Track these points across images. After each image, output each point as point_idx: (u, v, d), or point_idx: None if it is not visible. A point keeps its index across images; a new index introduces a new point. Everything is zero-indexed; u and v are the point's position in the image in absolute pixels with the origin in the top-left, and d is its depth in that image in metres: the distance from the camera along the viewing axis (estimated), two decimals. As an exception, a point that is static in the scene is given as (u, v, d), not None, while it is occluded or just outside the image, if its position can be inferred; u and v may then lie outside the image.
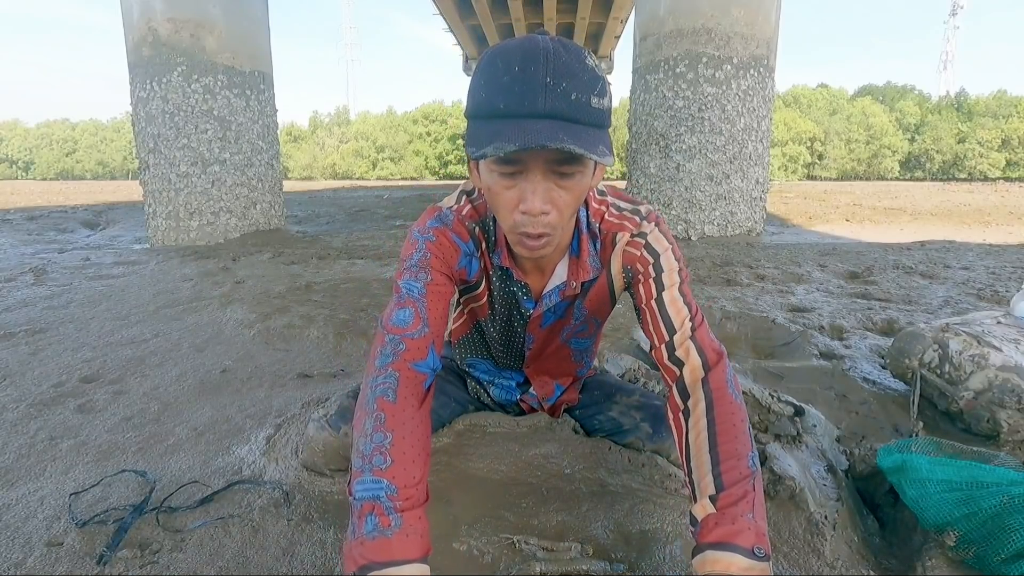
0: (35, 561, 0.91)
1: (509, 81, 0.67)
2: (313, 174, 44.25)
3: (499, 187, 0.75)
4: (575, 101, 0.68)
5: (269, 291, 3.03)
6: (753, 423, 1.27)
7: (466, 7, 15.48)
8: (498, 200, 0.77)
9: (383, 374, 0.80)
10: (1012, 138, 35.79)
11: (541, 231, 0.77)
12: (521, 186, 0.74)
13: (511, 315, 1.05)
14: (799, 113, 38.29)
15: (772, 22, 5.31)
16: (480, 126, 0.71)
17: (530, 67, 0.67)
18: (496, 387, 1.23)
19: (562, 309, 1.03)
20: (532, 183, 0.73)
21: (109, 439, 1.36)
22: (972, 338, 1.38)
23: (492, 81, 0.69)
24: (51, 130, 55.82)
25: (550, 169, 0.72)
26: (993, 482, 0.86)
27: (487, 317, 1.08)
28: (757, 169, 5.41)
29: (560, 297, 0.99)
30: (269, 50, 5.93)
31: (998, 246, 4.88)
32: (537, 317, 1.03)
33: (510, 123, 0.67)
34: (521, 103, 0.67)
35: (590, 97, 0.69)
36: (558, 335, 1.08)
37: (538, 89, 0.66)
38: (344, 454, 1.08)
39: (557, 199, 0.75)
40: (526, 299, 0.99)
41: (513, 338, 1.10)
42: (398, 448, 0.74)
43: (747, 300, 2.74)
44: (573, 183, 0.75)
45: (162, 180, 5.29)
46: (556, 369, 1.18)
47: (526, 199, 0.74)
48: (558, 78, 0.67)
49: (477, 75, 0.72)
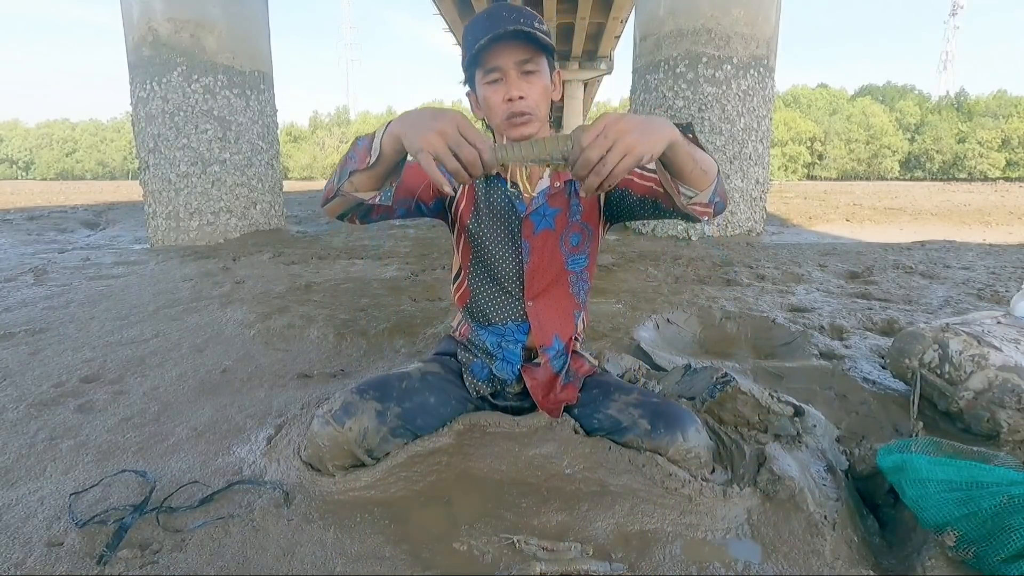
0: (35, 561, 0.91)
1: (480, 19, 1.07)
2: (313, 174, 44.25)
3: (489, 92, 1.09)
4: (525, 23, 1.04)
5: (269, 291, 3.03)
6: (753, 423, 1.27)
7: (466, 7, 15.49)
8: (490, 103, 1.09)
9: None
10: (1012, 138, 35.81)
11: (522, 110, 1.07)
12: (503, 87, 1.08)
13: (507, 221, 1.19)
14: (799, 113, 38.31)
15: (772, 22, 5.31)
16: (468, 58, 1.08)
17: (493, 11, 1.05)
18: (500, 361, 1.25)
19: (552, 217, 1.18)
20: (509, 79, 1.07)
21: (109, 439, 1.36)
22: (972, 338, 1.38)
23: (469, 30, 1.08)
24: (51, 130, 55.84)
25: (519, 70, 1.07)
26: (993, 482, 0.86)
27: (484, 230, 1.20)
28: (757, 169, 5.41)
29: (546, 199, 1.17)
30: (269, 50, 5.93)
31: (998, 246, 4.88)
32: (529, 220, 1.18)
33: (485, 39, 1.03)
34: (489, 28, 1.03)
35: (534, 23, 1.05)
36: (556, 246, 1.20)
37: (499, 19, 1.04)
38: (348, 449, 1.08)
39: (527, 88, 1.08)
40: (518, 201, 1.18)
41: (511, 249, 1.20)
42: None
43: (747, 300, 2.74)
44: (536, 77, 1.09)
45: (162, 180, 5.29)
46: (555, 308, 1.24)
47: (508, 91, 1.07)
48: (511, 12, 1.05)
49: (463, 38, 1.10)
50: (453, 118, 0.82)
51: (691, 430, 1.10)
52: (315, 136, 48.36)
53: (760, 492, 1.04)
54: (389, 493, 1.06)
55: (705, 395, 1.33)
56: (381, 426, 1.10)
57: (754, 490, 1.05)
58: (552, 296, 1.23)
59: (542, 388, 1.23)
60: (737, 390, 1.29)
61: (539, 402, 1.22)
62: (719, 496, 1.02)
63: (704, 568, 0.89)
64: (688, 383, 1.41)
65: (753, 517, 1.00)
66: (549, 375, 1.24)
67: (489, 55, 1.06)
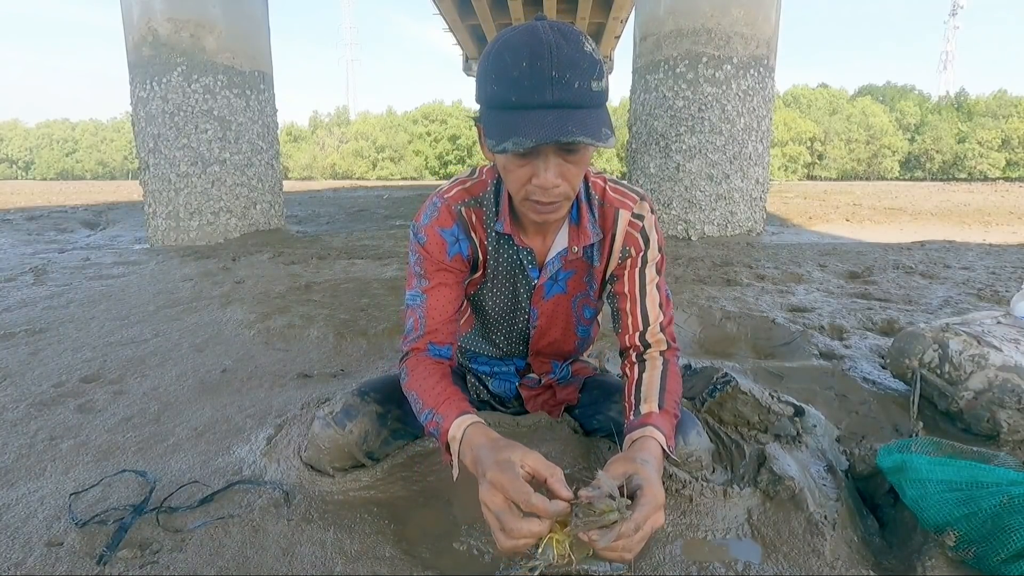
0: (35, 561, 0.91)
1: (518, 76, 0.76)
2: (313, 174, 44.25)
3: (512, 165, 0.85)
4: (578, 89, 0.76)
5: (269, 291, 3.03)
6: (753, 423, 1.27)
7: (466, 7, 15.47)
8: (510, 176, 0.86)
9: (400, 369, 1.04)
10: (1012, 138, 35.79)
11: (553, 200, 0.86)
12: (533, 163, 0.82)
13: (516, 287, 1.08)
14: (799, 113, 38.29)
15: (772, 22, 5.31)
16: (494, 116, 0.80)
17: (536, 62, 0.75)
18: (496, 379, 1.24)
19: (564, 281, 1.08)
20: (545, 162, 0.82)
21: (109, 439, 1.36)
22: (972, 338, 1.38)
23: (502, 76, 0.77)
24: (51, 130, 55.80)
25: (559, 149, 0.81)
26: (993, 482, 0.86)
27: (488, 296, 1.10)
28: (757, 169, 5.41)
29: (562, 263, 1.05)
30: (269, 50, 5.93)
31: (998, 246, 4.88)
32: (541, 287, 1.07)
33: (522, 115, 0.76)
34: (531, 96, 0.76)
35: (590, 83, 0.77)
36: (568, 310, 1.13)
37: (545, 83, 0.75)
38: (349, 451, 1.08)
39: (566, 172, 0.84)
40: (531, 266, 1.05)
41: (517, 315, 1.12)
42: (422, 396, 0.96)
43: (747, 300, 2.74)
44: (579, 158, 0.84)
45: (162, 180, 5.29)
46: (557, 353, 1.21)
47: (539, 175, 0.82)
48: (562, 70, 0.75)
49: (487, 66, 0.80)
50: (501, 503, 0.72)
51: (692, 433, 1.10)
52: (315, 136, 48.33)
53: (760, 492, 1.04)
54: (389, 493, 1.07)
55: (705, 395, 1.33)
56: (382, 429, 1.10)
57: (754, 490, 1.05)
58: (556, 345, 1.19)
59: (540, 400, 1.24)
60: (737, 390, 1.29)
61: (538, 409, 1.23)
62: (719, 496, 1.02)
63: (704, 568, 0.89)
64: (688, 383, 1.41)
65: (753, 517, 1.00)
66: (548, 384, 1.25)
67: None
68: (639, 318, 1.05)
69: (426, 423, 0.93)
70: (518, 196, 0.88)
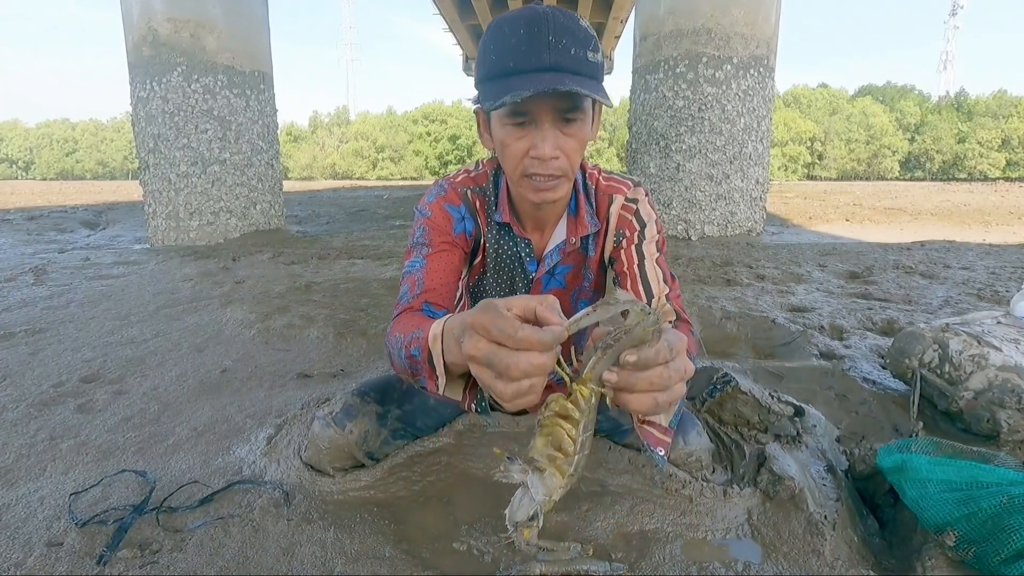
0: (35, 561, 0.91)
1: (516, 42, 0.78)
2: (313, 174, 44.26)
3: (510, 139, 0.84)
4: (574, 56, 0.78)
5: (269, 291, 3.03)
6: (753, 423, 1.27)
7: (466, 7, 15.48)
8: (508, 151, 0.85)
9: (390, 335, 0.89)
10: (1012, 138, 35.82)
11: (551, 172, 0.85)
12: (531, 135, 0.83)
13: (514, 280, 1.07)
14: (799, 113, 38.31)
15: (772, 22, 5.31)
16: (492, 85, 0.80)
17: (534, 28, 0.77)
18: None
19: (562, 276, 1.07)
20: (542, 131, 0.82)
21: (109, 439, 1.36)
22: (972, 338, 1.38)
23: (501, 45, 0.80)
24: (51, 130, 55.81)
25: (557, 117, 0.81)
26: (993, 482, 0.86)
27: (487, 289, 1.09)
28: (757, 169, 5.41)
29: (561, 256, 1.04)
30: (269, 50, 5.93)
31: (998, 246, 4.88)
32: (539, 281, 1.06)
33: (520, 77, 0.77)
34: (528, 59, 0.77)
35: (586, 52, 0.79)
36: (567, 306, 1.07)
37: (542, 46, 0.77)
38: (349, 452, 1.08)
39: (564, 145, 0.83)
40: (529, 259, 1.04)
41: None
42: (404, 331, 0.82)
43: (747, 300, 2.74)
44: (576, 129, 0.83)
45: (162, 180, 5.29)
46: None
47: (537, 145, 0.82)
48: (559, 36, 0.77)
49: (486, 42, 0.81)
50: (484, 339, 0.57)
51: (692, 433, 1.10)
52: (315, 136, 48.35)
53: (760, 492, 1.04)
54: (389, 493, 1.07)
55: (705, 395, 1.33)
56: (382, 429, 1.10)
57: (754, 490, 1.05)
58: None
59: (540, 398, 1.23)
60: (737, 390, 1.30)
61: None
62: (719, 496, 1.02)
63: (704, 568, 0.89)
64: (688, 383, 1.41)
65: (753, 517, 1.00)
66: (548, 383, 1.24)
67: None
68: (641, 292, 1.00)
69: (407, 350, 0.78)
70: (516, 174, 0.87)
